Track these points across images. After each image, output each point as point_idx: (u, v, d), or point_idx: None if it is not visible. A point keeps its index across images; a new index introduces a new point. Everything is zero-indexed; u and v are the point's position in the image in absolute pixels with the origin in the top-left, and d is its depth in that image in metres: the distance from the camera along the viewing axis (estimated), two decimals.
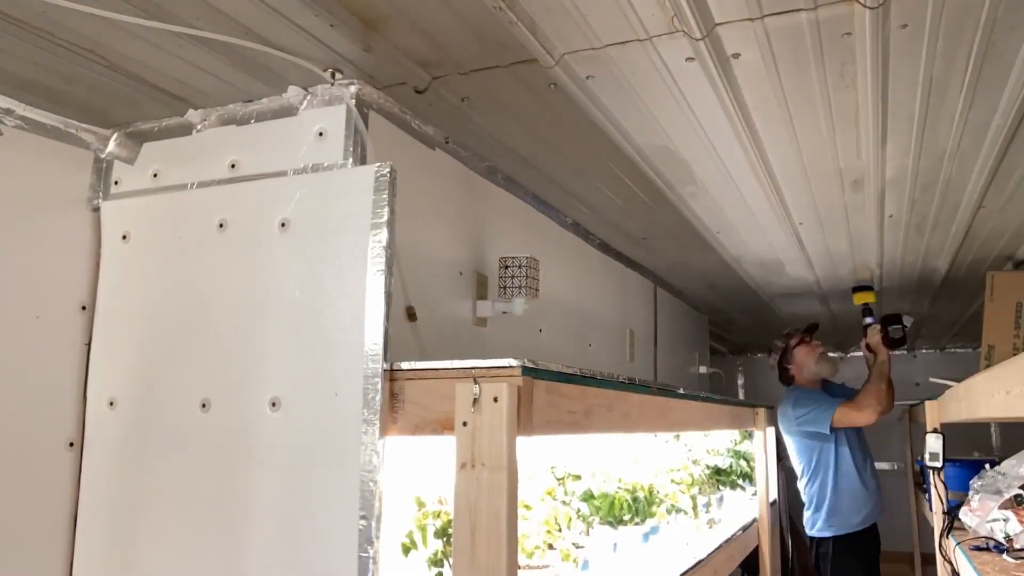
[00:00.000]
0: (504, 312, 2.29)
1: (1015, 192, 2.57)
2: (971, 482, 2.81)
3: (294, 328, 1.66)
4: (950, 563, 2.80)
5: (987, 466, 2.70)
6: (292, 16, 1.53)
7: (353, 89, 1.77)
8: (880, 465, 6.49)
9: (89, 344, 1.87)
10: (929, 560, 3.27)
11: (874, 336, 3.68)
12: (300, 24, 1.55)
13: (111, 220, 1.93)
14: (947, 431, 3.14)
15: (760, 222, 2.98)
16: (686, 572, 2.63)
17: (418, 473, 1.83)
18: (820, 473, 3.65)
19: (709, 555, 2.92)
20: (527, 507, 2.40)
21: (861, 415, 3.51)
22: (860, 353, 3.82)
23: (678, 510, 3.22)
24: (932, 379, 3.73)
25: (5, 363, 1.73)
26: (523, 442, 1.43)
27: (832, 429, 3.55)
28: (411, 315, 1.90)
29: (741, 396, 7.17)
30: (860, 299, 3.85)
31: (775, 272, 3.93)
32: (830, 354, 4.11)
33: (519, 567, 1.51)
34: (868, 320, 3.77)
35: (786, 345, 3.87)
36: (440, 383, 1.50)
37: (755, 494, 4.20)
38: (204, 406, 1.71)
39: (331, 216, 1.67)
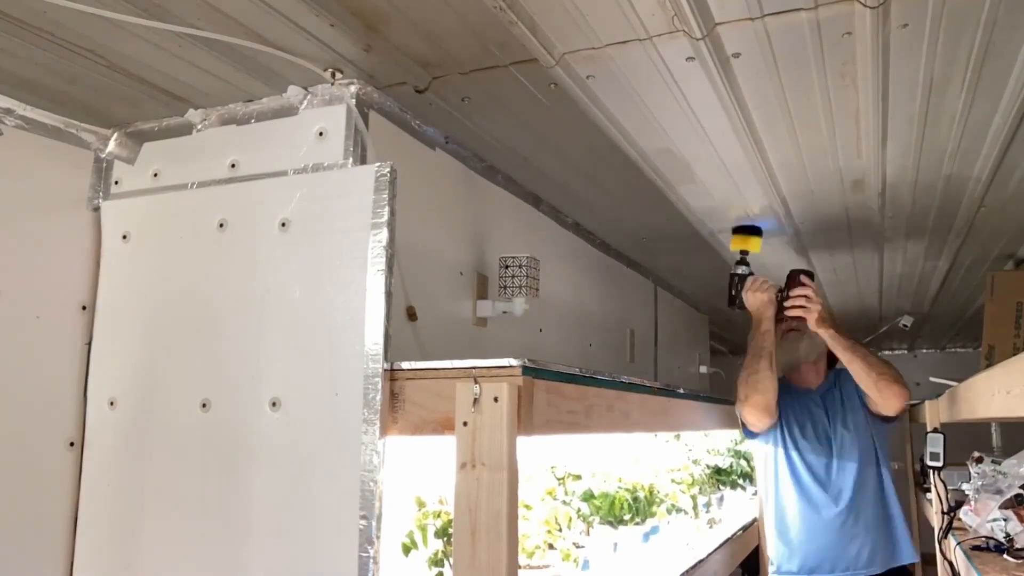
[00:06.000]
0: (504, 312, 2.29)
1: (1015, 192, 2.57)
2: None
3: (294, 328, 1.66)
4: (950, 563, 2.80)
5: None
6: (292, 16, 1.52)
7: (353, 89, 1.77)
8: None
9: (89, 344, 1.87)
10: (929, 560, 3.27)
11: (762, 293, 2.68)
12: (300, 24, 1.55)
13: (111, 220, 1.93)
14: (947, 431, 3.14)
15: (760, 222, 2.97)
16: (686, 572, 2.63)
17: (418, 473, 1.83)
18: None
19: (709, 555, 2.93)
20: (527, 507, 2.40)
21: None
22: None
23: (678, 510, 3.21)
24: (932, 379, 3.73)
25: (5, 363, 1.72)
26: (523, 442, 1.43)
27: (748, 429, 2.79)
28: (411, 315, 1.90)
29: None
30: (740, 245, 2.92)
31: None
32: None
33: (519, 567, 1.51)
34: (742, 270, 2.88)
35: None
36: (440, 383, 1.50)
37: (755, 494, 4.20)
38: (204, 406, 1.71)
39: (331, 216, 1.67)
